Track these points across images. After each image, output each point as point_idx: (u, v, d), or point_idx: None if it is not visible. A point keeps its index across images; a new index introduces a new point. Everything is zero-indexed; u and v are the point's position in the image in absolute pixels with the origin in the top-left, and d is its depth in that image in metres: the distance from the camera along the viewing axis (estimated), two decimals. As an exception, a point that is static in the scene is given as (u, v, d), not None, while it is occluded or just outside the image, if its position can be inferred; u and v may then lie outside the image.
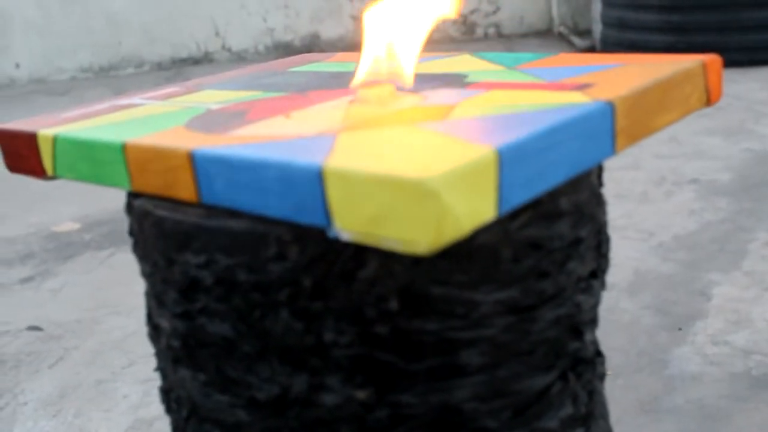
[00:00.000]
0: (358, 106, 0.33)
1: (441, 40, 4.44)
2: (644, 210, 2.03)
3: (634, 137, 0.32)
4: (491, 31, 4.45)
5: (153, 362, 1.56)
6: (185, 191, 0.30)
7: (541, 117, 0.28)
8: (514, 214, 0.30)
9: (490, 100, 0.32)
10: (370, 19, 0.35)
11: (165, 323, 0.34)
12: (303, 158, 0.27)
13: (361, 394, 0.30)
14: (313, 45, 4.40)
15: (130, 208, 0.36)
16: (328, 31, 4.34)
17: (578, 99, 0.31)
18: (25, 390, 1.54)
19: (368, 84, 0.34)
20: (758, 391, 1.28)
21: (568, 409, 0.33)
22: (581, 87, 0.32)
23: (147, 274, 0.35)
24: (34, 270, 2.05)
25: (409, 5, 0.35)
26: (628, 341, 1.47)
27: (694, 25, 3.24)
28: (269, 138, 0.30)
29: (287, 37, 4.39)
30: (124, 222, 2.29)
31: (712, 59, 0.36)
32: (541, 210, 0.31)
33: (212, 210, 0.31)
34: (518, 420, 0.32)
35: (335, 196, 0.26)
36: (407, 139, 0.28)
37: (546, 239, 0.31)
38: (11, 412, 1.47)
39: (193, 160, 0.29)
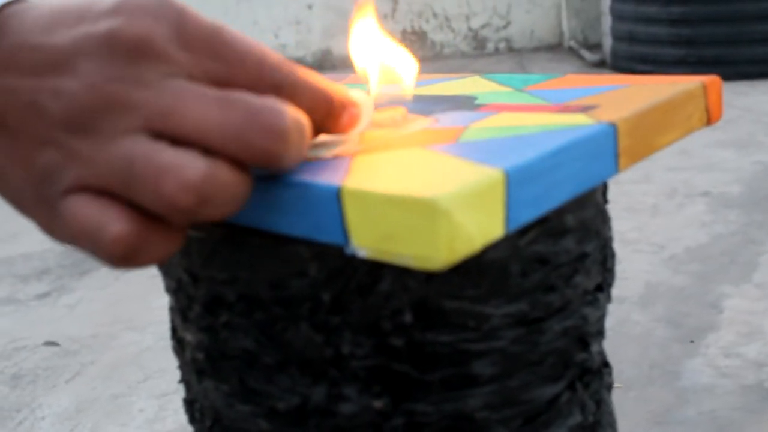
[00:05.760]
0: (372, 129, 0.35)
1: (452, 56, 4.46)
2: (655, 223, 2.04)
3: (637, 157, 0.33)
4: (502, 45, 4.47)
5: (168, 377, 1.58)
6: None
7: (547, 138, 0.30)
8: (522, 231, 0.31)
9: (499, 122, 0.34)
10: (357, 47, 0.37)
11: (189, 337, 0.35)
12: (321, 179, 0.28)
13: (377, 404, 0.31)
14: (325, 61, 4.43)
15: (155, 226, 0.37)
16: (340, 47, 4.36)
17: (582, 121, 0.32)
18: (42, 404, 1.56)
19: (381, 107, 0.36)
20: (770, 403, 1.28)
21: (576, 418, 0.35)
22: (585, 109, 0.34)
23: (172, 290, 0.36)
24: (51, 286, 2.07)
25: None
26: (640, 353, 1.48)
27: (704, 39, 3.25)
28: (289, 160, 0.31)
29: (299, 53, 4.42)
30: (138, 238, 2.30)
31: (712, 80, 0.37)
32: (547, 227, 0.32)
33: (235, 228, 0.32)
34: (528, 428, 0.33)
35: (352, 215, 0.27)
36: (420, 160, 0.29)
37: (553, 254, 0.32)
38: (29, 426, 1.48)
39: (216, 181, 0.31)
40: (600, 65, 3.79)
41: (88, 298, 1.98)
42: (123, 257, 0.27)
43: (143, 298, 1.92)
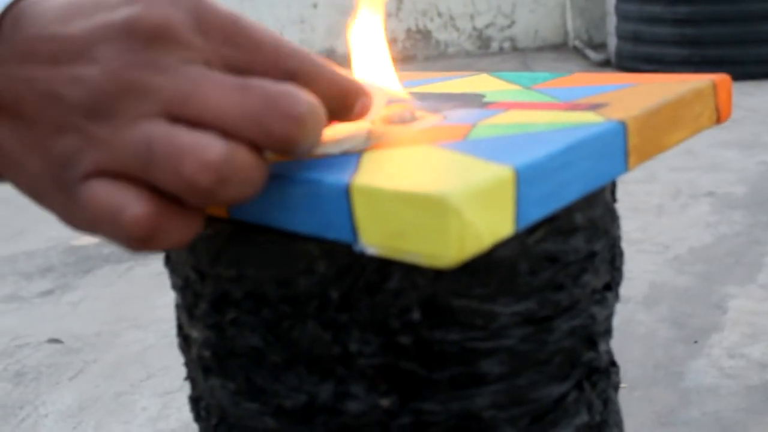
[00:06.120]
0: (381, 126, 0.35)
1: (456, 55, 4.46)
2: (660, 223, 2.03)
3: (646, 155, 0.33)
4: (506, 45, 4.46)
5: (172, 375, 1.57)
6: (217, 207, 0.32)
7: (556, 137, 0.30)
8: (531, 229, 0.31)
9: (507, 119, 0.33)
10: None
11: (196, 334, 0.35)
12: (330, 176, 0.28)
13: (385, 402, 0.31)
14: (328, 60, 4.42)
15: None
16: (344, 46, 4.36)
17: (592, 119, 0.32)
18: (45, 402, 1.56)
19: (390, 104, 0.35)
20: (774, 403, 1.28)
21: (583, 417, 0.34)
22: (595, 107, 0.34)
23: (179, 287, 0.36)
24: (54, 283, 2.07)
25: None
26: (645, 354, 1.48)
27: (708, 39, 3.24)
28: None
29: (303, 52, 4.41)
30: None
31: (722, 78, 0.37)
32: (556, 225, 0.32)
33: (243, 225, 0.32)
34: (535, 427, 0.33)
35: (361, 213, 0.27)
36: (429, 157, 0.29)
37: (562, 253, 0.32)
38: (32, 423, 1.48)
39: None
40: (605, 65, 3.79)
41: (92, 296, 1.98)
42: (142, 239, 0.27)
43: (147, 296, 1.92)
